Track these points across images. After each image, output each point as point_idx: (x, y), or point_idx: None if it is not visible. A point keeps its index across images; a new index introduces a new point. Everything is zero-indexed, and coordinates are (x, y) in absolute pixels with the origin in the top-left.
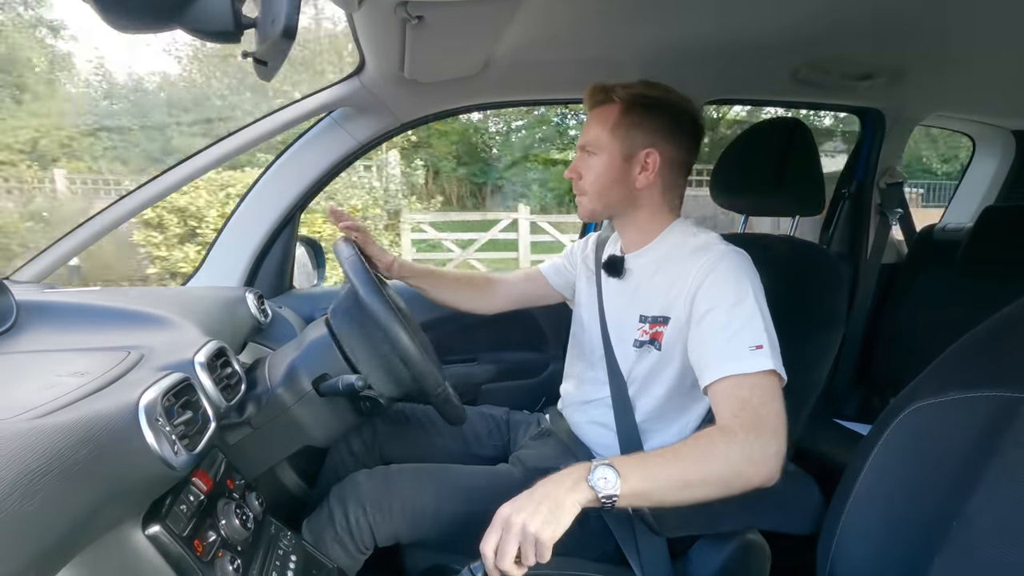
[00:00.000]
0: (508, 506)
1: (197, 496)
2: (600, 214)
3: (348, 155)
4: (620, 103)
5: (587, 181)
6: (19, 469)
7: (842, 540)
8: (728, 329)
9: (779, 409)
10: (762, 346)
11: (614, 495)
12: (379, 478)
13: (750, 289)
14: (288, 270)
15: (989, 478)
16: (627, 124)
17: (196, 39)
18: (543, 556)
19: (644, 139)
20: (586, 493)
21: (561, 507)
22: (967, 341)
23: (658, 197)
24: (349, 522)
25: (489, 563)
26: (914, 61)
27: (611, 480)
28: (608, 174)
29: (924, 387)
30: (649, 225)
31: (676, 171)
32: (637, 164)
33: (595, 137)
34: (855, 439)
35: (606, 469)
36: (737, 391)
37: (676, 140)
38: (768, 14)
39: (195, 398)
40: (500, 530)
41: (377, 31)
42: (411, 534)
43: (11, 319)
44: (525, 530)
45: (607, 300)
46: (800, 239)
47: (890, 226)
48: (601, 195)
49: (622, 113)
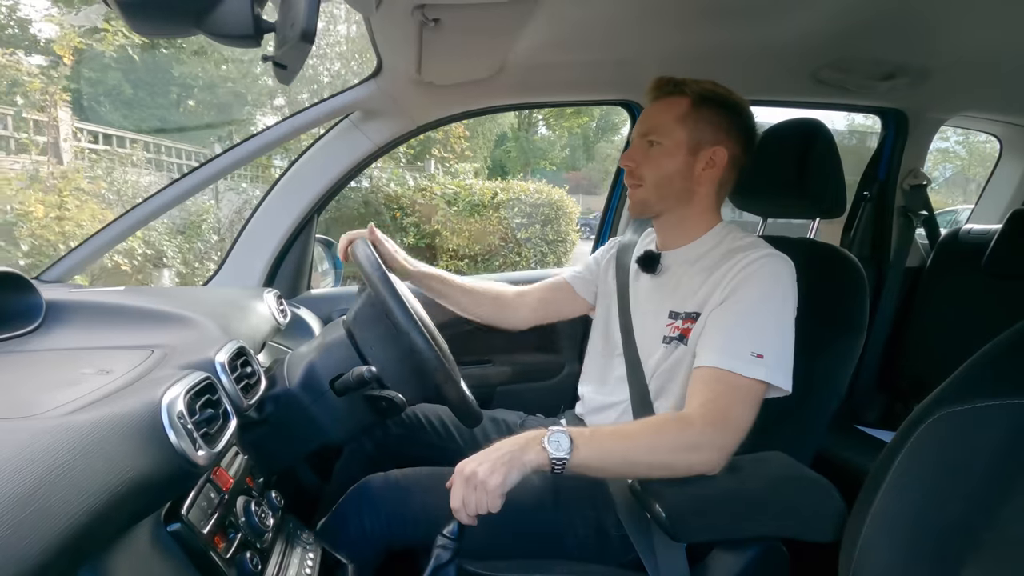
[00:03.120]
0: (469, 460)
1: (218, 494)
2: (652, 207)
3: (365, 157)
4: (691, 96)
5: (646, 170)
6: (47, 465)
7: (864, 549)
8: (739, 326)
9: (748, 415)
10: (763, 356)
11: (564, 459)
12: (394, 484)
13: (779, 297)
14: (306, 271)
15: (1020, 487)
16: (697, 117)
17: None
18: (492, 505)
19: (714, 135)
20: (539, 453)
21: (512, 461)
22: (994, 347)
23: (712, 195)
24: (364, 527)
25: (461, 516)
26: (938, 60)
27: (563, 445)
28: (671, 164)
29: (949, 394)
30: (695, 223)
31: (734, 171)
32: (703, 159)
33: (661, 125)
34: (877, 446)
35: (561, 435)
36: (716, 384)
37: (739, 140)
38: (788, 15)
39: (216, 397)
40: (460, 483)
41: (394, 34)
42: (425, 540)
43: (39, 318)
44: (476, 478)
45: (635, 297)
46: (822, 242)
47: (914, 228)
48: (659, 186)
49: (693, 106)
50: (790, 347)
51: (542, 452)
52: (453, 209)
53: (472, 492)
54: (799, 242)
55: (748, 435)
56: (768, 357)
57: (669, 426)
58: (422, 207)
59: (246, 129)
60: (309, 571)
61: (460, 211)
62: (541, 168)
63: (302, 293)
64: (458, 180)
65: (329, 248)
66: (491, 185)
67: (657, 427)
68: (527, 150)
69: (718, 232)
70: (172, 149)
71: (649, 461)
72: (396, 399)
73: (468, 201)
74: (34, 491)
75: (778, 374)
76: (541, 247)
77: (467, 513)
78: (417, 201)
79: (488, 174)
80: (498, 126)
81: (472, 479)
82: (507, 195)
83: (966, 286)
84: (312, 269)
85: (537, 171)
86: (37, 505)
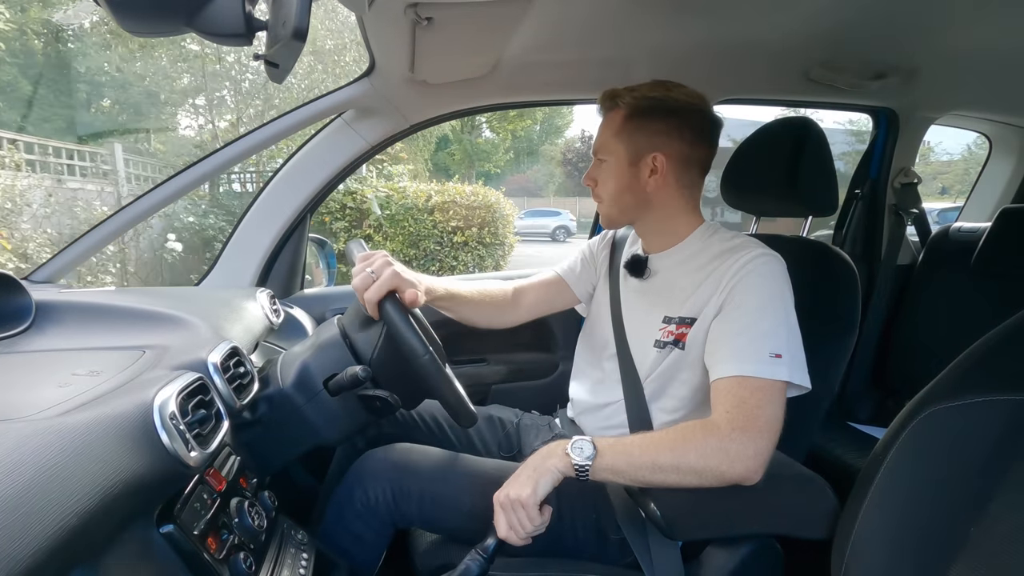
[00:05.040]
0: (501, 488)
1: (211, 495)
2: (619, 219)
3: (358, 156)
4: (624, 108)
5: (601, 188)
6: (37, 467)
7: (857, 545)
8: (751, 331)
9: (777, 414)
10: (781, 355)
11: (587, 464)
12: (398, 456)
13: (780, 296)
14: (299, 270)
15: (1009, 483)
16: (630, 129)
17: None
18: (533, 517)
19: (647, 143)
20: (562, 459)
21: (539, 470)
22: (983, 344)
23: (676, 198)
24: (369, 498)
25: (513, 540)
26: (928, 60)
27: (586, 451)
28: (618, 180)
29: (940, 390)
30: (672, 226)
31: (690, 170)
32: (645, 168)
33: (603, 143)
34: (869, 443)
35: (584, 442)
36: (739, 390)
37: (684, 139)
38: (779, 14)
39: (209, 397)
40: (500, 512)
41: (387, 32)
42: (428, 521)
43: (29, 319)
44: (511, 499)
45: (625, 300)
46: (814, 240)
47: (905, 226)
48: (615, 201)
49: (625, 119)
50: (801, 345)
51: (565, 458)
52: (386, 212)
53: (512, 514)
54: (791, 240)
55: None
56: (786, 356)
57: (695, 431)
58: (352, 212)
59: (162, 133)
60: (303, 571)
61: (393, 215)
62: (485, 171)
63: (295, 292)
64: (391, 183)
65: (322, 247)
66: (425, 188)
67: (682, 432)
68: (471, 153)
69: (703, 232)
70: (64, 150)
71: (676, 464)
72: (390, 399)
73: (401, 204)
74: (24, 493)
75: (798, 372)
76: (479, 250)
77: (518, 536)
78: (347, 205)
79: (429, 177)
80: (439, 128)
81: (508, 503)
82: (442, 198)
83: (957, 284)
84: (306, 267)
85: (481, 174)
86: (27, 507)
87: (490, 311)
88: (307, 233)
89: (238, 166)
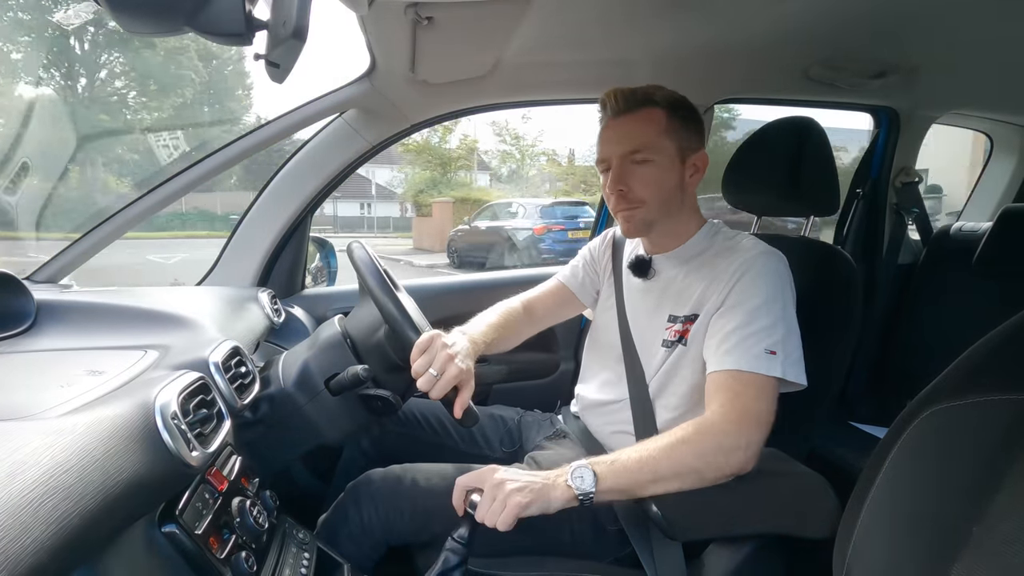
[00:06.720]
0: (505, 469)
1: (212, 494)
2: (656, 225)
3: (359, 156)
4: (664, 105)
5: (644, 191)
6: (39, 467)
7: (858, 544)
8: (748, 327)
9: (770, 408)
10: (776, 352)
11: (590, 492)
12: (393, 478)
13: (781, 294)
14: (300, 270)
15: (1011, 482)
16: (676, 126)
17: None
18: (505, 520)
19: (692, 140)
20: (564, 491)
21: (540, 493)
22: (985, 343)
23: (694, 198)
24: (363, 520)
25: (479, 515)
26: (929, 58)
27: (587, 479)
28: (669, 179)
29: (942, 390)
30: (685, 227)
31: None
32: (690, 167)
33: (648, 143)
34: (871, 442)
35: (583, 470)
36: (734, 384)
37: (704, 138)
38: (778, 13)
39: (210, 397)
40: (490, 493)
41: (387, 32)
42: (423, 535)
43: (31, 319)
44: (503, 489)
45: (629, 301)
46: (815, 239)
47: (906, 226)
48: (664, 203)
49: (669, 115)
50: (799, 342)
51: (568, 490)
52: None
53: (498, 504)
54: (793, 240)
55: None
56: (781, 353)
57: (688, 432)
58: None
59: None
60: (305, 571)
61: None
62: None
63: (296, 292)
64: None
65: (323, 247)
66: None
67: (677, 437)
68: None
69: (707, 231)
70: None
71: (677, 471)
72: (391, 398)
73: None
74: (27, 494)
75: (792, 369)
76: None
77: (488, 523)
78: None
79: None
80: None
81: (499, 488)
82: None
83: (958, 283)
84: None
85: None
86: (30, 508)
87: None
88: (308, 233)
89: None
